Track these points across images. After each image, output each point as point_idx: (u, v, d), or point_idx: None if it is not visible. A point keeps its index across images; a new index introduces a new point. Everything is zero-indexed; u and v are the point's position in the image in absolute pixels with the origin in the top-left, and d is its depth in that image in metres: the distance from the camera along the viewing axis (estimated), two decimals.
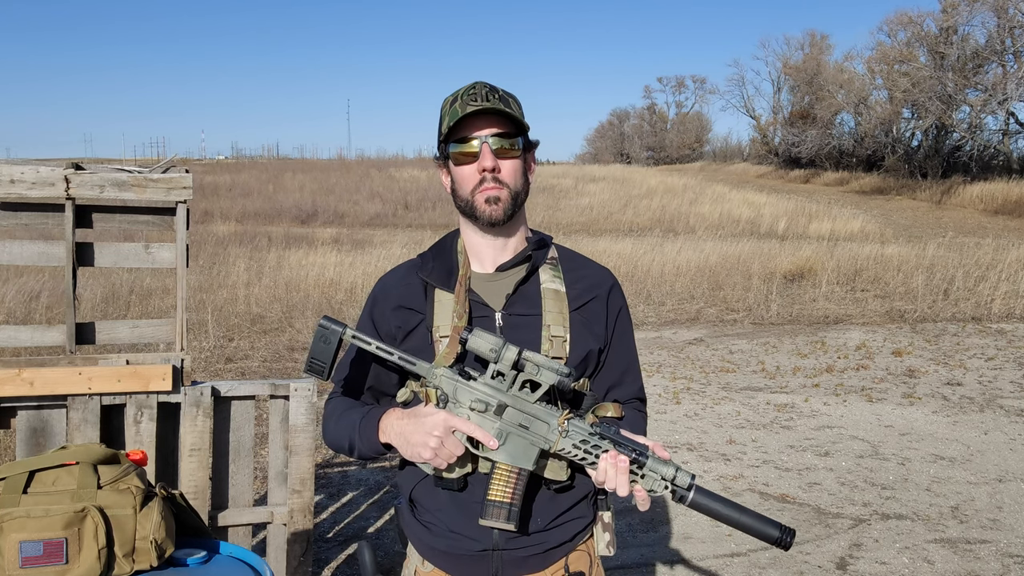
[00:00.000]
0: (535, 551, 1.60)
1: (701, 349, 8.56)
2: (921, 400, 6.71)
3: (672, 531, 4.29)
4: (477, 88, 1.57)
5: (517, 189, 1.61)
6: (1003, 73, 29.27)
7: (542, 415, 1.50)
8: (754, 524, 1.48)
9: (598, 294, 1.69)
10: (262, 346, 8.10)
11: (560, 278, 1.67)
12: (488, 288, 1.64)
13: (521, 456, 1.50)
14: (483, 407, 1.49)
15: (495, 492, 1.49)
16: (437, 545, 1.62)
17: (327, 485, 4.81)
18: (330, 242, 15.26)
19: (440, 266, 1.67)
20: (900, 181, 32.79)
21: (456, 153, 1.59)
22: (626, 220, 21.34)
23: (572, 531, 1.64)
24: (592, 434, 1.49)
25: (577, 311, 1.64)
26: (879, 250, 13.51)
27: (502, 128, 1.58)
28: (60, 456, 1.71)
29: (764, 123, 57.22)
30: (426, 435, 1.48)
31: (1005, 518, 4.44)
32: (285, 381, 3.09)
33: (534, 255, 1.67)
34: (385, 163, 47.01)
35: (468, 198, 1.60)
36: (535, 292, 1.64)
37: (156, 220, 2.92)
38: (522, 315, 1.62)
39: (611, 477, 1.47)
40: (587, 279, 1.70)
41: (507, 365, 1.47)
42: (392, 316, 1.66)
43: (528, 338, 1.58)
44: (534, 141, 1.66)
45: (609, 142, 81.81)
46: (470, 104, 1.54)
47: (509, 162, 1.59)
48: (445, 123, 1.58)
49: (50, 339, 2.87)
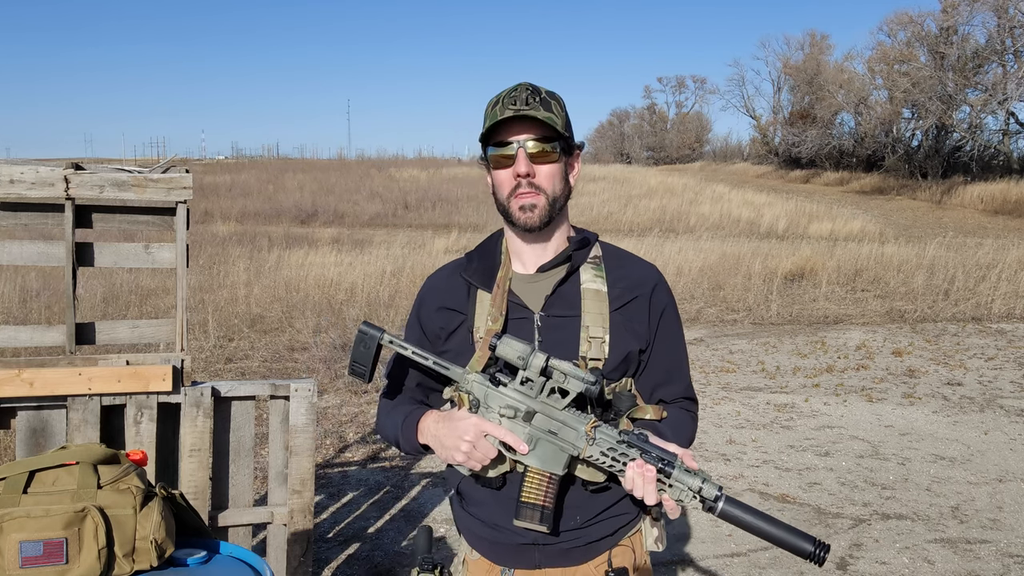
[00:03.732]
0: (576, 544, 1.62)
1: (701, 349, 8.56)
2: (921, 400, 6.71)
3: (672, 531, 4.29)
4: (519, 91, 1.56)
5: (555, 194, 1.60)
6: (1003, 73, 29.26)
7: (571, 422, 1.50)
8: (787, 538, 1.44)
9: (640, 293, 1.66)
10: (262, 346, 8.10)
11: (602, 277, 1.65)
12: (528, 289, 1.64)
13: (551, 461, 1.51)
14: (512, 413, 1.50)
15: (528, 494, 1.51)
16: (483, 535, 1.66)
17: (327, 485, 4.81)
18: (330, 242, 15.26)
19: (483, 266, 1.67)
20: (900, 181, 32.78)
21: (493, 156, 1.59)
22: (626, 220, 21.33)
23: (615, 526, 1.65)
24: (620, 442, 1.48)
25: (618, 311, 1.63)
26: (879, 250, 13.50)
27: (539, 132, 1.56)
28: (60, 456, 1.71)
29: (764, 123, 57.20)
30: (458, 439, 1.50)
31: (1005, 518, 4.44)
32: (285, 381, 3.09)
33: (574, 255, 1.65)
34: (385, 163, 47.03)
35: (504, 203, 1.61)
36: (575, 292, 1.63)
37: (156, 220, 2.92)
38: (560, 316, 1.61)
39: (638, 486, 1.46)
40: (629, 278, 1.67)
41: (535, 372, 1.48)
42: (436, 316, 1.68)
43: (566, 339, 1.58)
44: (577, 143, 1.65)
45: (609, 142, 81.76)
46: (508, 108, 1.54)
47: (546, 167, 1.58)
48: (485, 125, 1.58)
49: (50, 339, 2.86)
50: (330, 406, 6.31)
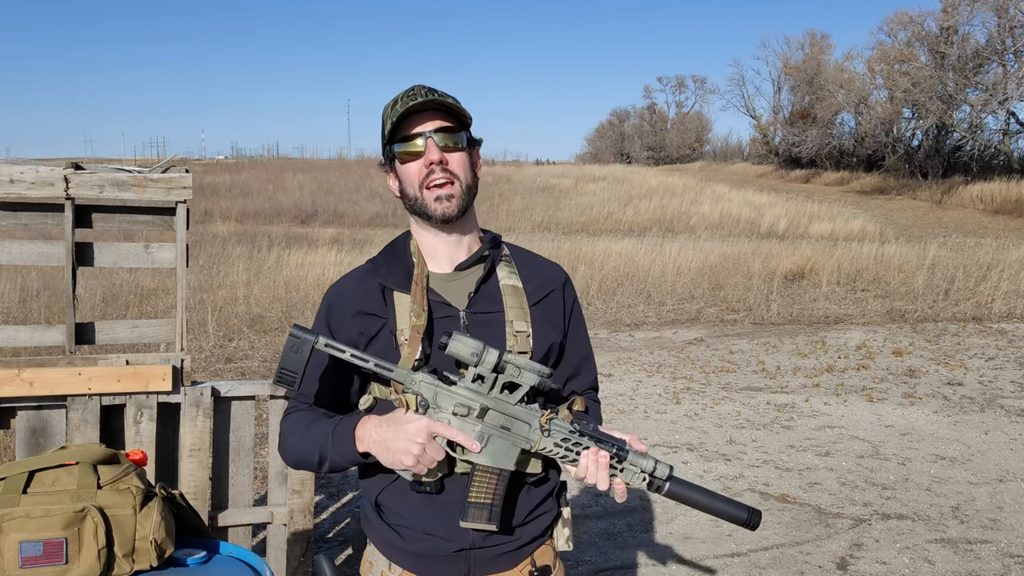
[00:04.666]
0: (509, 547, 1.61)
1: (701, 349, 8.56)
2: (922, 400, 6.71)
3: (672, 531, 4.29)
4: (416, 89, 1.58)
5: (468, 182, 1.61)
6: (1003, 73, 29.27)
7: (523, 415, 1.51)
8: (724, 508, 1.56)
9: (554, 288, 1.71)
10: (262, 346, 8.10)
11: (516, 274, 1.68)
12: (449, 287, 1.63)
13: (502, 457, 1.51)
14: (466, 411, 1.49)
15: (476, 494, 1.49)
16: (408, 548, 1.60)
17: (327, 485, 4.81)
18: (330, 242, 15.26)
19: (396, 268, 1.65)
20: (900, 181, 32.78)
21: (401, 152, 1.59)
22: (626, 220, 21.34)
23: (543, 526, 1.66)
24: (572, 432, 1.51)
25: (536, 306, 1.66)
26: (879, 250, 13.50)
27: (445, 123, 1.58)
28: (60, 456, 1.71)
29: (764, 123, 57.22)
30: (408, 442, 1.46)
31: (1006, 518, 4.44)
32: None
33: (491, 253, 1.67)
34: None
35: (417, 195, 1.59)
36: (495, 289, 1.65)
37: (156, 220, 2.92)
38: (485, 313, 1.62)
39: (592, 472, 1.50)
40: (542, 275, 1.72)
41: (488, 368, 1.47)
42: (352, 323, 1.62)
43: (493, 335, 1.59)
44: (477, 138, 1.66)
45: (609, 142, 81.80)
46: (411, 102, 1.54)
47: (456, 154, 1.59)
48: (387, 125, 1.58)
49: (50, 339, 2.86)
50: None
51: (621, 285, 11.75)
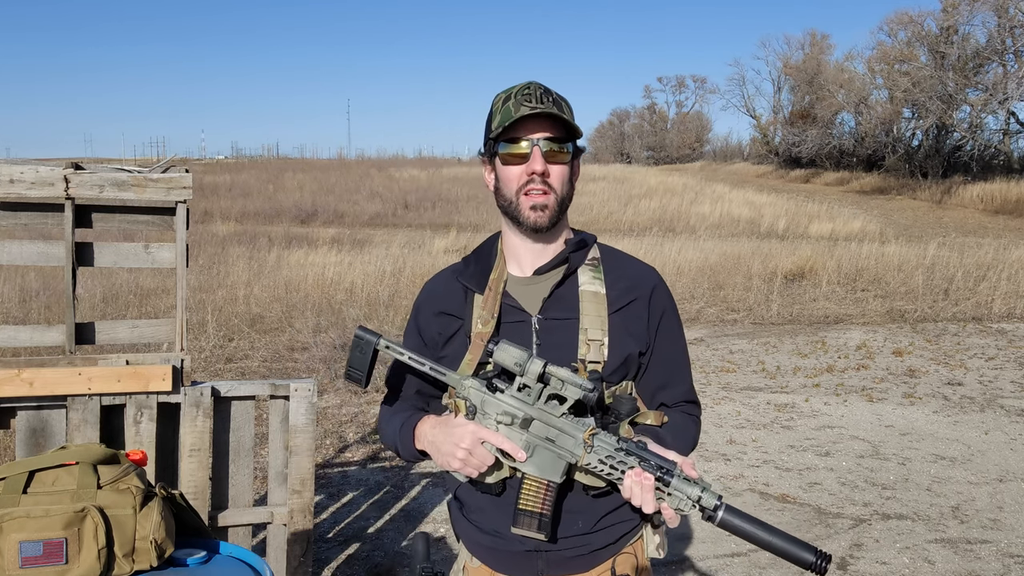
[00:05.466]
0: (580, 552, 1.60)
1: (701, 349, 8.56)
2: (922, 400, 6.71)
3: (672, 531, 4.29)
4: (532, 88, 1.55)
5: (563, 195, 1.59)
6: (1004, 73, 29.25)
7: (568, 429, 1.47)
8: (787, 547, 1.41)
9: (639, 295, 1.64)
10: (262, 346, 8.09)
11: (600, 279, 1.63)
12: (525, 292, 1.62)
13: (549, 469, 1.49)
14: (509, 420, 1.48)
15: (526, 502, 1.49)
16: (484, 542, 1.63)
17: (327, 485, 4.81)
18: (330, 242, 15.25)
19: (479, 270, 1.65)
20: (900, 181, 32.76)
21: (506, 153, 1.57)
22: (626, 220, 21.32)
23: (618, 533, 1.63)
24: (618, 450, 1.45)
25: (617, 313, 1.61)
26: (879, 250, 13.50)
27: (554, 132, 1.55)
28: (60, 456, 1.71)
29: (764, 123, 57.18)
30: (454, 446, 1.49)
31: (1006, 518, 4.44)
32: (285, 381, 3.09)
33: (571, 257, 1.64)
34: (385, 163, 47.03)
35: (512, 199, 1.58)
36: (572, 295, 1.61)
37: (156, 220, 2.92)
38: (558, 319, 1.59)
39: (636, 494, 1.44)
40: (628, 279, 1.65)
41: (532, 378, 1.46)
42: (434, 322, 1.66)
43: (564, 342, 1.56)
44: (582, 148, 1.64)
45: (609, 142, 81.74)
46: (524, 105, 1.52)
47: (558, 167, 1.57)
48: (496, 121, 1.55)
49: (50, 339, 2.86)
50: (330, 406, 6.31)
51: None
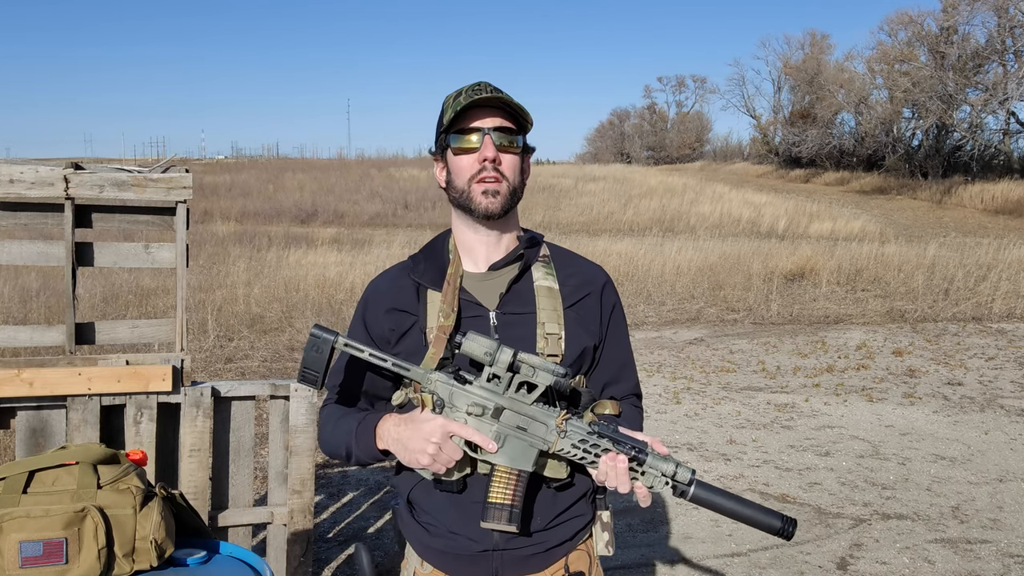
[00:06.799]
0: (536, 550, 1.59)
1: (701, 349, 8.56)
2: (922, 400, 6.71)
3: (672, 531, 4.29)
4: (482, 85, 1.58)
5: (515, 184, 1.61)
6: (1004, 73, 29.27)
7: (540, 416, 1.49)
8: (756, 515, 1.48)
9: (591, 291, 1.68)
10: (262, 346, 8.10)
11: (553, 275, 1.66)
12: (481, 287, 1.63)
13: (520, 458, 1.49)
14: (480, 411, 1.48)
15: (495, 494, 1.48)
16: (436, 545, 1.61)
17: (327, 485, 4.81)
18: (330, 242, 15.25)
19: (431, 266, 1.66)
20: (901, 181, 32.77)
21: (457, 144, 1.59)
22: (626, 220, 21.33)
23: (573, 529, 1.63)
24: (591, 433, 1.48)
25: (571, 308, 1.64)
26: (879, 250, 13.50)
27: (505, 122, 1.58)
28: (60, 456, 1.70)
29: (764, 123, 57.21)
30: (424, 441, 1.47)
31: (1006, 518, 4.44)
32: (285, 381, 3.09)
33: (526, 253, 1.66)
34: (385, 163, 46.99)
35: (464, 188, 1.59)
36: (528, 290, 1.63)
37: (156, 220, 2.92)
38: (516, 314, 1.61)
39: (611, 476, 1.47)
40: (580, 276, 1.69)
41: (502, 368, 1.46)
42: (385, 319, 1.65)
43: (523, 336, 1.58)
44: (532, 147, 1.66)
45: (609, 142, 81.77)
46: (475, 95, 1.54)
47: (509, 156, 1.59)
48: (447, 115, 1.58)
49: (50, 339, 2.86)
50: None
51: (621, 285, 11.74)
